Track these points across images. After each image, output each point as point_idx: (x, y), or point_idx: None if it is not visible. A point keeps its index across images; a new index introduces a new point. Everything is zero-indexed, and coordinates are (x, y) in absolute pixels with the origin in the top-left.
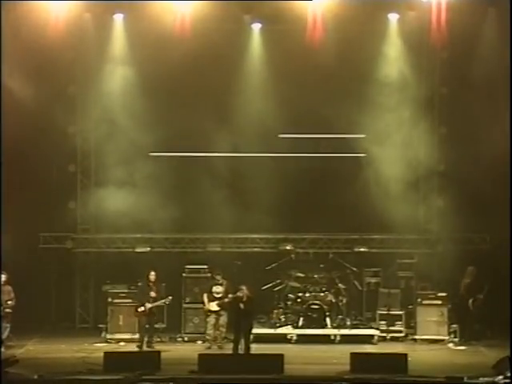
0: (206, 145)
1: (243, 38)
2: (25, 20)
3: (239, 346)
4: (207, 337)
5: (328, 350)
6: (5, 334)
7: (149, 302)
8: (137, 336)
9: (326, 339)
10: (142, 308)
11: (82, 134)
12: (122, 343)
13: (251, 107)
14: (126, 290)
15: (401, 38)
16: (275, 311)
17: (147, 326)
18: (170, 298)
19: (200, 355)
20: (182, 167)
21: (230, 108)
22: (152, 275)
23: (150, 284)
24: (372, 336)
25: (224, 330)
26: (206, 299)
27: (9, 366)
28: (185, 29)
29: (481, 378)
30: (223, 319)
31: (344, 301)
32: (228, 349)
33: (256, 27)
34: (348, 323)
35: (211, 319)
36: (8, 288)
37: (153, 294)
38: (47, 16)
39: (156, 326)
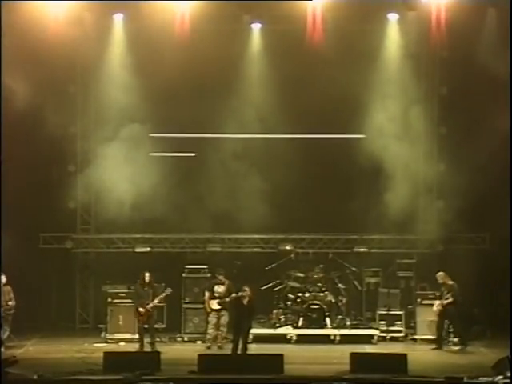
0: (206, 144)
1: (243, 37)
2: (25, 20)
3: (238, 346)
4: (208, 336)
5: (328, 350)
6: (5, 335)
7: (147, 303)
8: (137, 336)
9: (325, 339)
10: (141, 310)
11: (82, 133)
12: (121, 343)
13: (250, 107)
14: (125, 290)
15: (400, 37)
16: (275, 311)
17: (146, 326)
18: (170, 290)
19: (200, 355)
20: (181, 167)
21: (229, 107)
22: (147, 276)
23: (145, 286)
24: (372, 336)
25: (225, 329)
26: (207, 298)
27: (9, 366)
28: (184, 28)
29: (480, 378)
30: (224, 319)
31: (344, 301)
32: (228, 349)
33: (256, 27)
34: (348, 323)
35: (212, 318)
36: (8, 288)
37: (150, 294)
38: (47, 16)
39: (156, 326)
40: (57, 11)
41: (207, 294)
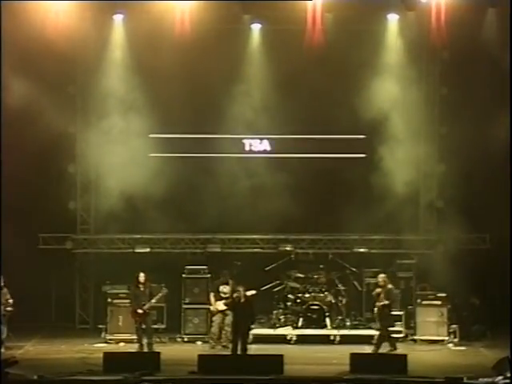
0: (206, 144)
1: (243, 38)
2: (25, 20)
3: (237, 347)
4: (213, 336)
5: (328, 350)
6: (4, 335)
7: (143, 304)
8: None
9: (325, 340)
10: (140, 310)
11: (82, 133)
12: (121, 344)
13: (250, 107)
14: (125, 291)
15: (400, 38)
16: (275, 312)
17: (144, 326)
18: (166, 290)
19: (200, 356)
20: (180, 169)
21: (229, 107)
22: (141, 277)
23: (140, 286)
24: (372, 336)
25: (229, 329)
26: (212, 298)
27: (8, 367)
28: (184, 28)
29: (480, 379)
30: (229, 319)
31: (344, 301)
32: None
33: (256, 27)
34: (348, 324)
35: (217, 318)
36: (5, 290)
37: (146, 294)
38: (47, 16)
39: (156, 326)
40: (57, 11)
41: (212, 294)
